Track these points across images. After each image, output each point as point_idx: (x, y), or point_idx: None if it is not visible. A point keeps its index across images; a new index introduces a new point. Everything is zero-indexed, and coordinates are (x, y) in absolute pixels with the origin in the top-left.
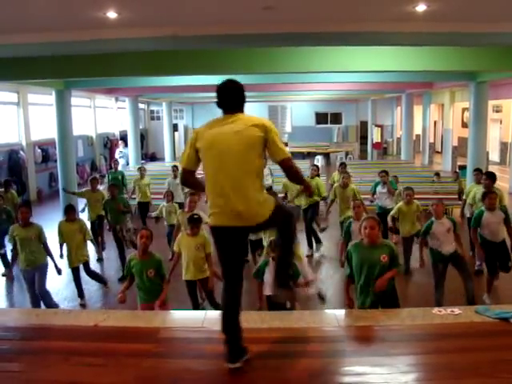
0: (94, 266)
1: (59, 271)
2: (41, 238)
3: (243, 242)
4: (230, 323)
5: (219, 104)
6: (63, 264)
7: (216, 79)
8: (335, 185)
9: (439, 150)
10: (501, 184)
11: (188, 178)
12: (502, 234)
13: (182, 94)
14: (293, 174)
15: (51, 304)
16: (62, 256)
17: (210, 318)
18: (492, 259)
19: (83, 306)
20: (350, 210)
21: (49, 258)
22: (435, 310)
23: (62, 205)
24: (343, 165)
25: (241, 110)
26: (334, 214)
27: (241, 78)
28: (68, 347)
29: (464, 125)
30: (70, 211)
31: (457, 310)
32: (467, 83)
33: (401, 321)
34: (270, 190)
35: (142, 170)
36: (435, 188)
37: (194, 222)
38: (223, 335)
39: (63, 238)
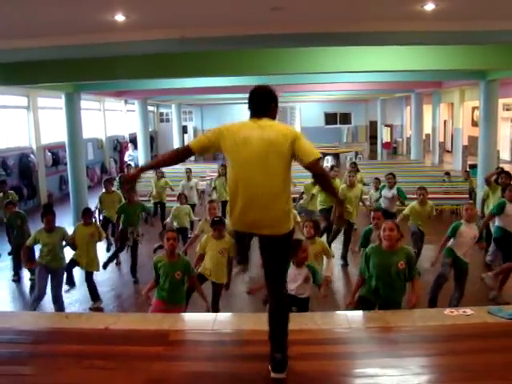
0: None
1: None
2: (66, 240)
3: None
4: (278, 330)
5: (249, 107)
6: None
7: (225, 80)
8: (342, 185)
9: (449, 150)
10: None
11: (184, 155)
12: None
13: (191, 96)
14: (325, 180)
15: (62, 310)
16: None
17: (221, 320)
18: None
19: (97, 309)
20: (355, 212)
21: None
22: (447, 311)
23: (73, 208)
24: (353, 164)
25: (269, 115)
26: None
27: (249, 80)
28: (79, 350)
29: (474, 124)
30: (87, 214)
31: (469, 311)
32: (477, 82)
33: (412, 322)
34: None
35: (157, 172)
36: (446, 187)
37: (217, 224)
38: (270, 342)
39: (74, 240)
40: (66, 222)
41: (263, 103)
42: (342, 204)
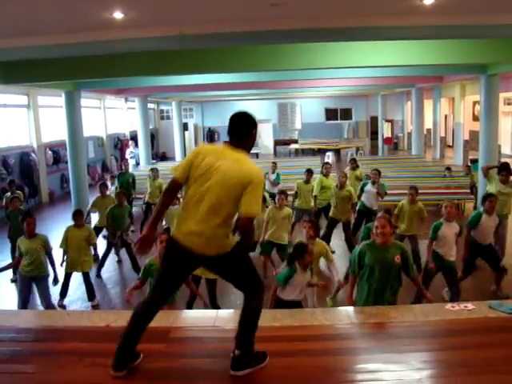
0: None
1: (56, 282)
2: (46, 249)
3: (191, 268)
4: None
5: (228, 133)
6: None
7: (225, 77)
8: (333, 185)
9: (450, 144)
10: None
11: (175, 189)
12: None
13: (192, 93)
14: (245, 235)
15: None
16: (62, 264)
17: (222, 316)
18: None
19: (95, 307)
20: (347, 211)
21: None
22: (448, 306)
23: (74, 206)
24: (353, 161)
25: (248, 142)
26: None
27: (249, 76)
28: (81, 348)
29: (475, 118)
30: (78, 216)
31: (470, 306)
32: (478, 76)
33: (414, 317)
34: (282, 193)
35: (154, 172)
36: (447, 182)
37: None
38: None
39: (67, 244)
40: (68, 220)
41: (243, 130)
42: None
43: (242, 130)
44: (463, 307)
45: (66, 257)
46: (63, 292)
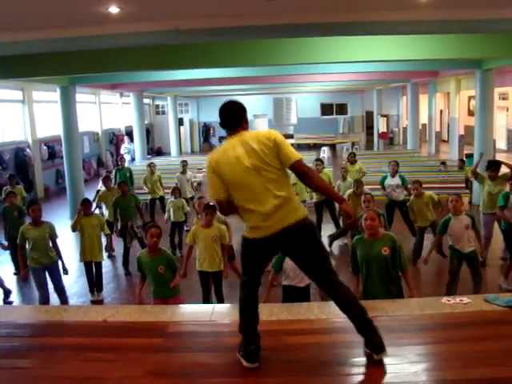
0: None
1: (66, 271)
2: (52, 236)
3: (276, 249)
4: (251, 324)
5: (223, 125)
6: (73, 259)
7: (220, 72)
8: (338, 181)
9: (445, 139)
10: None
11: (227, 208)
12: None
13: (187, 88)
14: (309, 178)
15: (66, 301)
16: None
17: (219, 311)
18: None
19: (95, 302)
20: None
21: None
22: (444, 300)
23: (70, 202)
24: (353, 155)
25: (243, 127)
26: None
27: (245, 71)
28: (78, 343)
29: (470, 113)
30: (87, 205)
31: (466, 299)
32: (473, 71)
33: (410, 311)
34: None
35: (151, 167)
36: (442, 177)
37: (209, 209)
38: (242, 334)
39: (77, 228)
40: (63, 215)
41: (236, 118)
42: (342, 201)
43: (234, 119)
44: (459, 301)
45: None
46: (92, 285)
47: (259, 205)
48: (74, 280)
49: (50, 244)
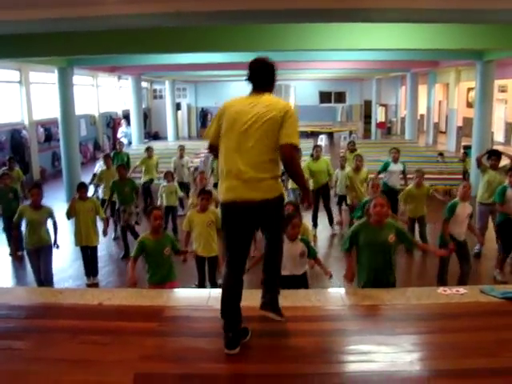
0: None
1: (57, 246)
2: (52, 219)
3: (252, 221)
4: (231, 309)
5: (250, 79)
6: (68, 242)
7: (220, 57)
8: (348, 170)
9: (443, 130)
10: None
11: (214, 151)
12: None
13: (186, 72)
14: (290, 165)
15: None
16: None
17: (215, 296)
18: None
19: (90, 285)
20: (365, 193)
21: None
22: (440, 290)
23: (66, 184)
24: (352, 143)
25: (269, 90)
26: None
27: (245, 56)
28: (74, 325)
29: (469, 105)
30: (82, 189)
31: (462, 290)
32: (474, 62)
33: (406, 300)
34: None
35: (150, 151)
36: (440, 168)
37: (204, 194)
38: (222, 320)
39: (72, 214)
40: (60, 198)
41: (265, 78)
42: (306, 191)
43: (267, 78)
44: (455, 291)
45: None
46: (89, 269)
47: (233, 166)
48: (68, 264)
49: (47, 226)
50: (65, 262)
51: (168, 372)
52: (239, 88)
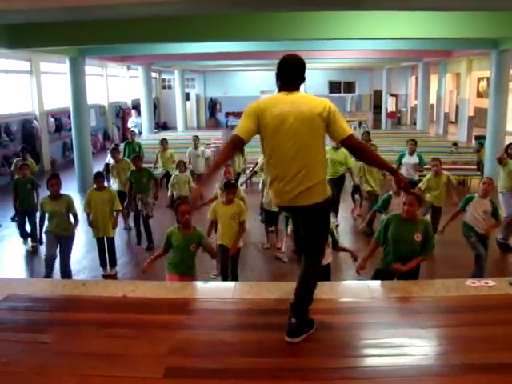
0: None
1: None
2: (71, 210)
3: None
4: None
5: (282, 78)
6: (82, 233)
7: (230, 46)
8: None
9: (453, 120)
10: None
11: (240, 148)
12: None
13: (195, 62)
14: (364, 152)
15: (68, 277)
16: (90, 224)
17: (240, 288)
18: None
19: (107, 276)
20: (378, 184)
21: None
22: (469, 282)
23: (78, 174)
24: (366, 133)
25: (299, 88)
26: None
27: (255, 45)
28: (98, 318)
29: (479, 94)
30: (99, 178)
31: (490, 282)
32: (487, 51)
33: (434, 292)
34: None
35: (164, 143)
36: (453, 158)
37: (231, 188)
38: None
39: (90, 207)
40: (71, 188)
41: (298, 75)
42: (395, 172)
43: (300, 75)
44: (484, 283)
45: (91, 220)
46: (104, 260)
47: (282, 171)
48: (82, 255)
49: (69, 216)
50: (79, 253)
51: (199, 366)
52: (248, 78)
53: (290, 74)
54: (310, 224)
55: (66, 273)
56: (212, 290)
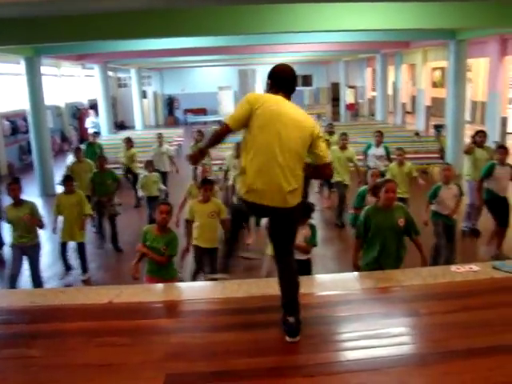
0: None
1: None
2: (35, 216)
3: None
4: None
5: (279, 84)
6: (49, 239)
7: (185, 42)
8: (333, 147)
9: (409, 111)
10: None
11: (225, 136)
12: (508, 189)
13: (153, 59)
14: (324, 175)
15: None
16: (54, 230)
17: (228, 287)
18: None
19: (87, 282)
20: (347, 173)
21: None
22: (454, 268)
23: (38, 178)
24: (330, 125)
25: (290, 97)
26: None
27: (211, 40)
28: (86, 327)
29: (434, 85)
30: (68, 182)
31: (475, 267)
32: (446, 42)
33: (422, 280)
34: None
35: (127, 142)
36: (416, 147)
37: (207, 184)
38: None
39: (59, 210)
40: (32, 193)
41: (293, 85)
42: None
43: (294, 85)
44: (468, 269)
45: (57, 223)
46: (68, 266)
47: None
48: (52, 261)
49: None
50: (47, 259)
51: (200, 370)
52: (205, 74)
53: (288, 83)
54: (289, 224)
55: (38, 284)
56: (198, 290)
